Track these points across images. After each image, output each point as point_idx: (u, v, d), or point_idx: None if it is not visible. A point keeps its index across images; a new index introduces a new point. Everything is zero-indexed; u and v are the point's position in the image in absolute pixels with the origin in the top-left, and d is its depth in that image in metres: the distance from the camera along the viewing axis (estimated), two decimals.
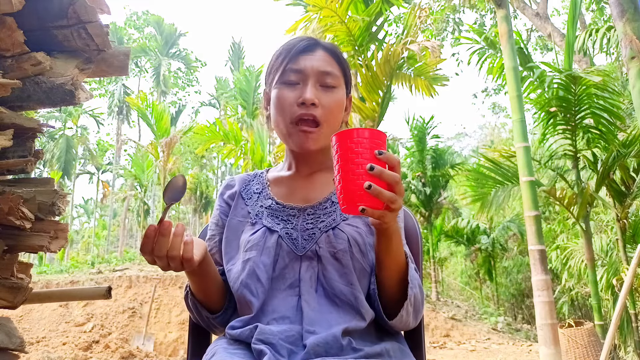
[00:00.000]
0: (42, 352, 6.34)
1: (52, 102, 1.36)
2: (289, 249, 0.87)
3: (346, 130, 0.71)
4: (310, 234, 0.89)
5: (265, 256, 0.86)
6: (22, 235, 1.36)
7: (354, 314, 0.83)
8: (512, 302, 13.10)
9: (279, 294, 0.85)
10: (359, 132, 0.71)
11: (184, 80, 28.75)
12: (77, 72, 1.35)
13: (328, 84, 0.92)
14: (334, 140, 0.72)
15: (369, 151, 0.69)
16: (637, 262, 3.20)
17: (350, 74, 1.00)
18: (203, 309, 0.90)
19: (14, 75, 1.26)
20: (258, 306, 0.84)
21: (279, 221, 0.91)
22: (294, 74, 0.91)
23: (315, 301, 0.83)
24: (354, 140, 0.70)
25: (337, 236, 0.87)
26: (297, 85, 0.91)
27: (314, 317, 0.82)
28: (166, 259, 0.74)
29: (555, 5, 44.79)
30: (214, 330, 0.96)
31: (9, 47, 1.26)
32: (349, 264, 0.85)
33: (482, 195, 5.72)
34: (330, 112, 0.91)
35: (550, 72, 5.06)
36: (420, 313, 0.86)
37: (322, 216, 0.91)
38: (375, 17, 5.49)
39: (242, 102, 15.67)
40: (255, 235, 0.89)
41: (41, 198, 1.37)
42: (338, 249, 0.86)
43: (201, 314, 0.91)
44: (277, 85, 0.93)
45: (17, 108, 1.37)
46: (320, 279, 0.85)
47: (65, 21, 1.34)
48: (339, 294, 0.83)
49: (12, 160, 1.32)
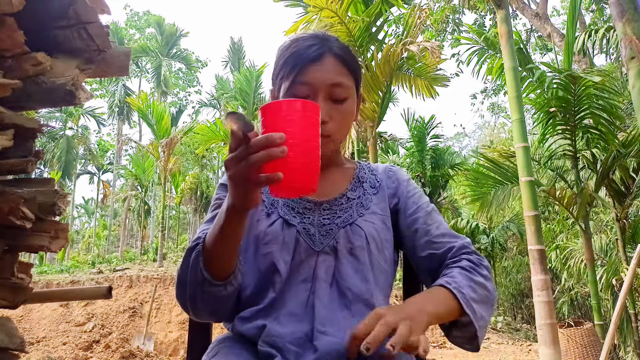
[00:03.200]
0: (42, 352, 6.35)
1: (53, 102, 1.36)
2: (306, 245, 0.86)
3: (273, 103, 0.67)
4: (328, 229, 0.88)
5: (285, 252, 0.85)
6: (22, 235, 1.36)
7: (366, 312, 0.80)
8: (512, 302, 13.09)
9: (291, 288, 0.83)
10: (289, 105, 0.67)
11: (184, 81, 28.76)
12: (78, 73, 1.35)
13: (339, 97, 0.89)
14: (260, 113, 0.68)
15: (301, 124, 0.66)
16: (636, 262, 3.20)
17: (361, 73, 0.97)
18: (206, 269, 0.76)
19: (14, 75, 1.27)
20: (272, 297, 0.82)
21: (295, 214, 0.90)
22: (303, 87, 0.88)
23: (327, 297, 0.82)
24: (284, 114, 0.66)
25: (354, 232, 0.87)
26: (307, 97, 0.88)
27: (326, 315, 0.80)
28: (258, 170, 0.63)
29: (555, 6, 44.75)
30: (197, 308, 0.80)
31: (9, 47, 1.26)
32: (366, 260, 0.85)
33: (482, 195, 5.73)
34: (341, 125, 0.90)
35: (549, 72, 5.06)
36: (492, 307, 0.85)
37: (338, 212, 0.90)
38: (375, 18, 5.49)
39: (242, 102, 15.66)
40: (273, 228, 0.87)
41: (42, 198, 1.37)
42: (355, 245, 0.85)
43: (199, 274, 0.76)
44: (285, 96, 0.90)
45: (17, 108, 1.38)
46: (335, 275, 0.84)
47: (66, 21, 1.34)
48: (354, 288, 0.83)
49: (13, 160, 1.33)
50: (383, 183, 0.99)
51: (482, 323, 0.80)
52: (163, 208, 13.84)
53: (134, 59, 25.06)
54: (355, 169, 1.01)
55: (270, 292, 0.83)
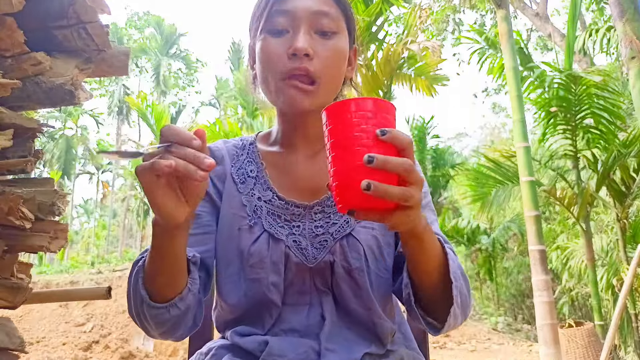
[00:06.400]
0: (42, 352, 6.35)
1: (52, 102, 1.36)
2: (298, 259, 0.75)
3: (341, 102, 0.55)
4: (322, 240, 0.76)
5: (275, 275, 0.74)
6: (22, 235, 1.35)
7: (372, 339, 0.75)
8: (513, 303, 13.09)
9: (289, 306, 0.75)
10: (358, 104, 0.54)
11: (184, 81, 28.76)
12: (77, 72, 1.35)
13: (325, 28, 0.74)
14: (324, 116, 0.56)
15: (373, 131, 0.53)
16: (637, 262, 3.20)
17: (353, 17, 0.81)
18: (144, 288, 0.66)
19: (14, 75, 1.26)
20: (271, 323, 0.74)
21: (282, 222, 0.78)
22: (282, 18, 0.74)
23: (331, 313, 0.74)
24: (352, 115, 0.53)
25: (351, 247, 0.75)
26: (287, 33, 0.74)
27: (333, 331, 0.73)
28: (178, 176, 0.54)
29: (555, 5, 44.83)
30: (145, 327, 0.71)
31: (9, 47, 1.26)
32: (366, 284, 0.74)
33: (483, 195, 5.72)
34: (329, 65, 0.74)
35: (550, 72, 5.06)
36: (468, 308, 0.72)
37: (331, 216, 0.78)
38: (376, 17, 5.48)
39: (242, 102, 15.65)
40: (258, 247, 0.75)
41: (41, 198, 1.37)
42: (353, 267, 0.74)
43: (138, 294, 0.66)
44: (262, 34, 0.76)
45: (17, 108, 1.37)
46: (334, 292, 0.75)
47: (65, 21, 1.33)
48: (355, 315, 0.75)
49: (12, 160, 1.32)
50: None
51: (458, 299, 0.67)
52: None
53: (133, 59, 25.06)
54: None
55: (267, 319, 0.75)
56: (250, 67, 0.85)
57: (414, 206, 0.54)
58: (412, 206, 0.54)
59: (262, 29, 0.75)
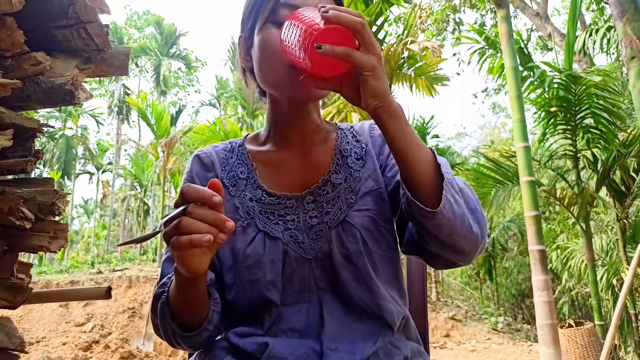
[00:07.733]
0: (42, 352, 6.34)
1: (52, 102, 1.36)
2: (296, 254, 0.75)
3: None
4: (317, 231, 0.76)
5: (273, 273, 0.74)
6: (22, 235, 1.35)
7: (379, 325, 0.74)
8: (512, 302, 13.10)
9: (289, 304, 0.74)
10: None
11: (184, 80, 28.76)
12: (77, 72, 1.34)
13: None
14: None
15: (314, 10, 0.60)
16: (637, 262, 3.20)
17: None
18: (173, 322, 0.71)
19: (13, 75, 1.26)
20: (270, 322, 0.74)
21: (276, 219, 0.77)
22: (289, 11, 0.73)
23: (333, 309, 0.73)
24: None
25: (347, 233, 0.75)
26: None
27: (337, 329, 0.72)
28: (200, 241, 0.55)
29: (555, 5, 44.77)
30: (178, 348, 0.77)
31: (9, 47, 1.26)
32: (366, 266, 0.74)
33: (482, 195, 5.72)
34: None
35: (550, 72, 5.06)
36: (480, 216, 0.69)
37: (325, 205, 0.78)
38: (376, 17, 5.48)
39: (242, 102, 15.66)
40: (254, 248, 0.75)
41: (41, 198, 1.37)
42: (351, 251, 0.74)
43: (168, 328, 0.72)
44: (267, 25, 0.76)
45: (17, 108, 1.37)
46: (334, 283, 0.75)
47: (65, 21, 1.33)
48: (359, 301, 0.74)
49: (12, 160, 1.32)
50: (369, 146, 0.84)
51: (453, 183, 0.66)
52: (162, 208, 13.83)
53: (133, 59, 25.08)
54: (336, 138, 0.85)
55: (266, 318, 0.74)
56: (243, 59, 0.84)
57: (371, 65, 0.60)
58: (373, 65, 0.60)
59: (268, 20, 0.76)
